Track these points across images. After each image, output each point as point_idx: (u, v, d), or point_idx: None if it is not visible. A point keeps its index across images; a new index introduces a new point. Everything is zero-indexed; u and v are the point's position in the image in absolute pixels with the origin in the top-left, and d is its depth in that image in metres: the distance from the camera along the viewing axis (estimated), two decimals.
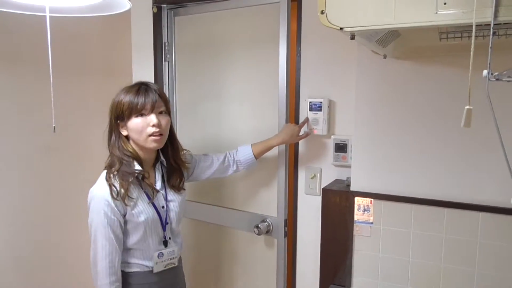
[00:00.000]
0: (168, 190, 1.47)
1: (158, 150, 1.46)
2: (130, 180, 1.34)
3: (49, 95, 1.06)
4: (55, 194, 2.06)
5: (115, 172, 1.33)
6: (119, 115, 1.36)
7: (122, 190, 1.31)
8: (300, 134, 1.70)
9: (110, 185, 1.31)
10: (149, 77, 2.15)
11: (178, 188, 1.51)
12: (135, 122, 1.35)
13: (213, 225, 2.11)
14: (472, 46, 0.59)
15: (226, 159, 1.67)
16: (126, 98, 1.35)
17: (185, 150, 1.61)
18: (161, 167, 1.49)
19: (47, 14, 0.98)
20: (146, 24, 2.14)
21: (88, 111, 2.13)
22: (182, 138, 2.16)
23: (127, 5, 1.07)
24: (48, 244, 2.05)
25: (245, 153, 1.66)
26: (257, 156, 1.67)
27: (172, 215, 1.47)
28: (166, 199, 1.45)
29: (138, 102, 1.34)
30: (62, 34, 1.64)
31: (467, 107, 0.63)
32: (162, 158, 1.48)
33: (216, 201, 2.08)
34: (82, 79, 2.15)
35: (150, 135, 1.35)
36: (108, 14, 1.10)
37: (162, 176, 1.47)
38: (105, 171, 1.36)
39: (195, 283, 2.20)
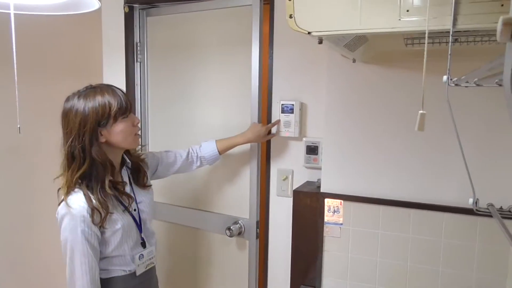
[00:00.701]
0: (136, 191, 1.45)
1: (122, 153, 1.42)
2: (111, 193, 1.28)
3: (14, 95, 1.03)
4: (20, 195, 2.00)
5: (99, 189, 1.25)
6: (102, 120, 1.24)
7: (103, 213, 1.24)
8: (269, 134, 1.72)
9: (93, 209, 1.22)
10: (121, 78, 2.12)
11: (145, 186, 1.47)
12: (123, 124, 1.28)
13: (185, 227, 2.10)
14: (425, 53, 0.61)
15: (190, 155, 1.66)
16: (110, 100, 1.24)
17: (144, 145, 1.59)
18: (126, 170, 1.45)
19: (11, 12, 0.96)
20: (117, 24, 2.10)
21: (56, 112, 2.08)
22: (154, 139, 2.15)
23: (95, 5, 1.06)
24: (14, 246, 1.99)
25: (209, 149, 1.67)
26: (221, 152, 1.69)
27: (144, 216, 1.44)
28: (136, 202, 1.43)
29: (123, 102, 1.26)
30: (28, 32, 1.60)
31: (421, 111, 0.65)
32: (127, 160, 1.44)
33: (188, 203, 2.07)
34: (50, 79, 2.09)
35: (135, 135, 1.33)
36: (76, 13, 1.09)
37: (129, 178, 1.44)
38: (79, 189, 1.25)
39: (168, 285, 2.18)
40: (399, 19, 0.80)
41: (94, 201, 1.23)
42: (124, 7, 2.06)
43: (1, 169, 1.91)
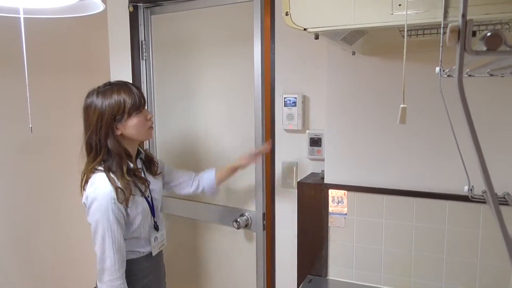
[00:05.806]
0: (149, 179, 1.53)
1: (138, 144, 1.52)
2: (131, 179, 1.38)
3: (25, 96, 1.08)
4: (32, 193, 2.06)
5: (119, 175, 1.35)
6: (118, 115, 1.36)
7: (127, 193, 1.34)
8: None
9: (117, 189, 1.32)
10: (127, 76, 2.16)
11: (156, 173, 1.58)
12: (136, 119, 1.39)
13: (193, 220, 2.15)
14: (405, 47, 0.64)
15: (193, 180, 1.72)
16: (125, 98, 1.35)
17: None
18: (140, 160, 1.54)
19: (21, 16, 1.00)
20: (122, 23, 2.14)
21: (66, 111, 2.13)
22: (160, 135, 2.20)
23: (100, 7, 1.10)
24: (28, 243, 2.05)
25: (209, 178, 1.71)
26: (218, 181, 1.72)
27: (156, 203, 1.54)
28: (149, 189, 1.51)
29: (138, 99, 1.38)
30: (38, 34, 1.64)
31: (402, 105, 0.68)
32: (142, 150, 1.54)
33: (196, 197, 2.11)
34: (59, 79, 2.15)
35: (148, 128, 1.43)
36: (82, 15, 1.12)
37: (142, 168, 1.53)
38: (103, 174, 1.35)
39: (176, 277, 2.23)
40: (392, 13, 0.82)
41: (117, 182, 1.34)
42: (128, 7, 2.09)
43: (13, 168, 1.96)
